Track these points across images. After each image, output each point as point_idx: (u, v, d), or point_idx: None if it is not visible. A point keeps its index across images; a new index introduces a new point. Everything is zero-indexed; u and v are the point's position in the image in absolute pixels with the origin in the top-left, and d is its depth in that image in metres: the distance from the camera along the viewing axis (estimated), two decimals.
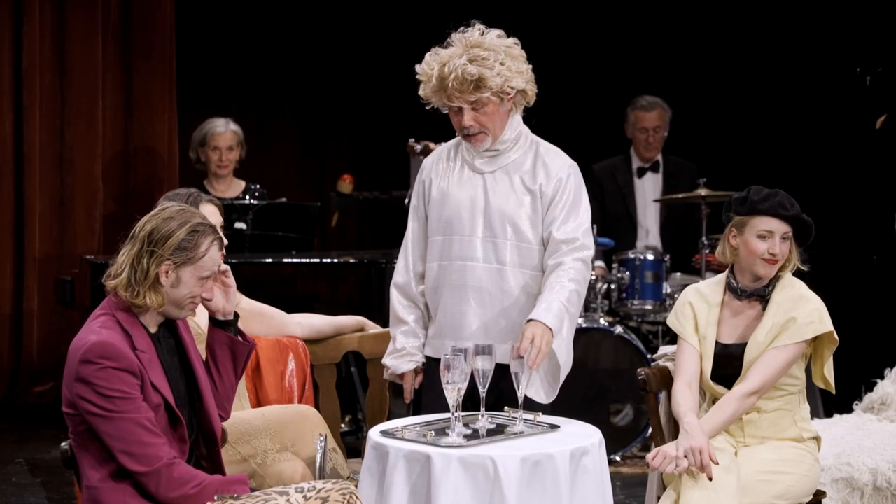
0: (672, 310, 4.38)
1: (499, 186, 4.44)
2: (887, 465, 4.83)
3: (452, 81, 4.34)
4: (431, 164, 4.57)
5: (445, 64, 4.37)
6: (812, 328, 4.15)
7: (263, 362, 4.73)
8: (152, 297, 3.57)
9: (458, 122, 4.42)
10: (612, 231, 7.39)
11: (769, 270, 4.21)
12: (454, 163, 4.52)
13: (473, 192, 4.45)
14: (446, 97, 4.38)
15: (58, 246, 7.92)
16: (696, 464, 3.93)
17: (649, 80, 8.33)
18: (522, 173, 4.47)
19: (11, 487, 6.06)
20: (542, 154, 4.55)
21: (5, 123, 7.77)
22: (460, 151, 4.52)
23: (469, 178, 4.48)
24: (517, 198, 4.43)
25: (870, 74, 6.94)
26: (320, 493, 3.55)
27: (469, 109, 4.38)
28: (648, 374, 4.39)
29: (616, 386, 6.60)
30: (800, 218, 4.20)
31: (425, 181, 4.54)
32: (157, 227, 3.58)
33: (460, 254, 4.41)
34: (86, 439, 3.52)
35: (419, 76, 4.45)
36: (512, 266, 4.40)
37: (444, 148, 4.60)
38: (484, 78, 4.37)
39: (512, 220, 4.41)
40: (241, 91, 8.98)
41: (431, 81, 4.39)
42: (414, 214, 4.57)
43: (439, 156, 4.58)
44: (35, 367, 7.89)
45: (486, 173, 4.46)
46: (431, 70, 4.40)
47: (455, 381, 3.83)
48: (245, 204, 6.97)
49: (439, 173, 4.52)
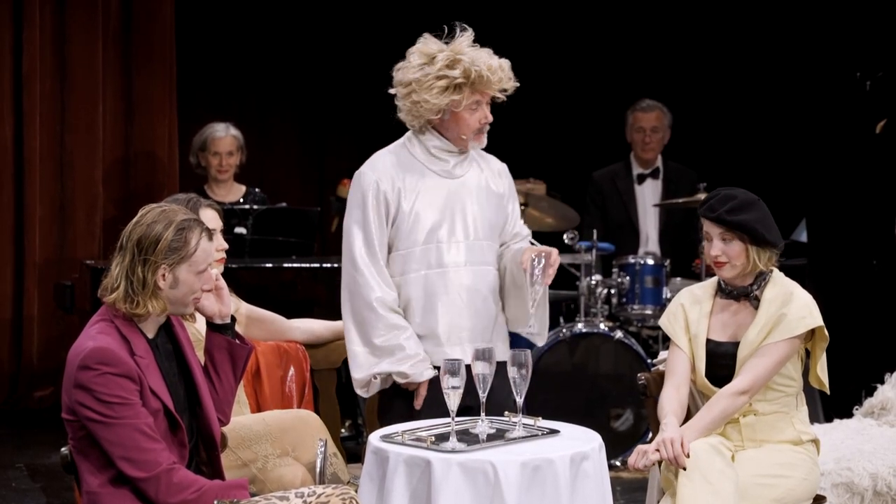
0: (665, 311, 4.40)
1: (471, 190, 4.52)
2: (887, 469, 4.82)
3: (499, 72, 4.41)
4: (387, 180, 4.47)
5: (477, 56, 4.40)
6: (803, 323, 4.13)
7: (263, 367, 4.73)
8: (153, 303, 3.56)
9: (478, 119, 4.48)
10: (614, 237, 7.41)
11: (721, 272, 4.21)
12: (416, 174, 4.50)
13: (449, 198, 4.48)
14: (478, 91, 4.42)
15: (58, 251, 7.92)
16: (667, 455, 3.93)
17: (650, 86, 8.33)
18: (485, 175, 4.58)
19: (11, 493, 6.06)
20: (484, 156, 4.68)
21: (5, 128, 7.77)
22: (416, 160, 4.52)
23: (438, 184, 4.51)
24: (488, 199, 4.54)
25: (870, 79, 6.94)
26: (320, 498, 3.55)
27: (487, 103, 4.47)
28: (648, 379, 4.40)
29: (616, 391, 6.60)
30: (724, 219, 4.14)
31: (386, 195, 4.45)
32: (144, 235, 3.56)
33: (445, 260, 4.45)
34: (85, 445, 3.52)
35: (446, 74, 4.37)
36: (492, 265, 4.54)
37: (387, 158, 4.54)
38: (510, 72, 4.50)
39: (486, 222, 4.52)
40: (241, 95, 8.99)
41: (473, 76, 4.37)
42: (368, 228, 4.44)
43: (391, 165, 4.51)
44: (35, 371, 7.89)
45: (457, 178, 4.52)
46: (471, 65, 4.38)
47: (456, 387, 3.84)
48: (245, 209, 6.98)
49: (406, 187, 4.48)
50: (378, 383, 4.47)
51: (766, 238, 4.15)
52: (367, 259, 4.44)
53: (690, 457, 3.95)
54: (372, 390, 4.49)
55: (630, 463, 4.00)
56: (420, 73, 4.42)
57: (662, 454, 3.95)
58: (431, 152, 4.52)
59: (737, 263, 4.18)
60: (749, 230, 4.14)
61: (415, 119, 4.49)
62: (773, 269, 4.26)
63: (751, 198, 4.19)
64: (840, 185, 7.09)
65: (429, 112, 4.44)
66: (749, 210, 4.15)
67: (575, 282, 6.94)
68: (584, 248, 6.79)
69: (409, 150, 4.54)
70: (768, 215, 4.20)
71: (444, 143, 4.53)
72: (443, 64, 4.40)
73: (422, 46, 4.48)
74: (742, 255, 4.17)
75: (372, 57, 9.16)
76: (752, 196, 4.21)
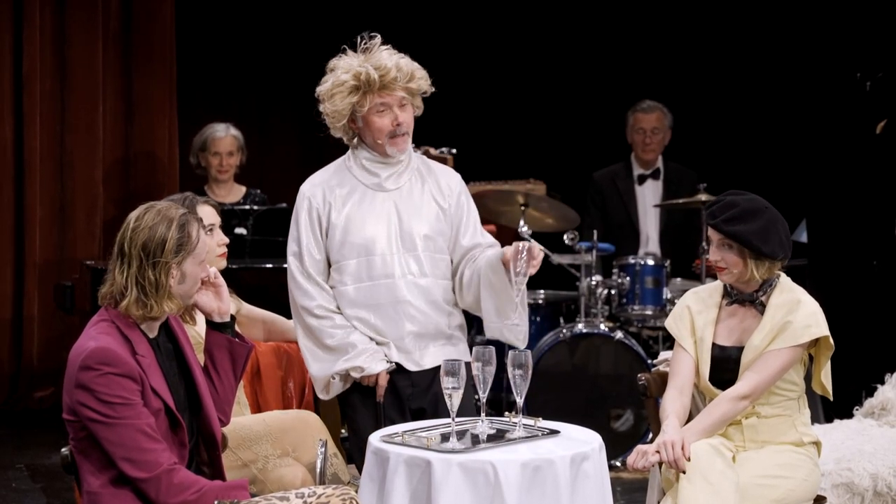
0: (671, 313, 4.39)
1: (405, 203, 4.55)
2: (888, 470, 4.83)
3: (393, 72, 4.43)
4: (319, 194, 4.56)
5: (377, 59, 4.45)
6: (808, 332, 4.13)
7: (263, 368, 4.73)
8: (169, 304, 3.58)
9: (389, 122, 4.49)
10: (614, 238, 7.41)
11: (721, 276, 4.22)
12: (347, 187, 4.57)
13: (385, 212, 4.53)
14: (378, 93, 4.44)
15: (58, 251, 7.92)
16: (667, 457, 3.94)
17: (650, 86, 8.34)
18: (427, 188, 4.60)
19: (12, 493, 6.06)
20: (434, 169, 4.68)
21: (6, 129, 7.77)
22: (351, 174, 4.59)
23: (369, 197, 4.56)
24: (424, 212, 4.56)
25: (870, 79, 6.94)
26: (321, 499, 3.55)
27: (399, 105, 4.46)
28: (649, 380, 4.40)
29: (616, 391, 6.60)
30: (721, 228, 4.14)
31: (318, 210, 4.54)
32: (148, 238, 3.56)
33: (376, 273, 4.50)
34: (86, 445, 3.52)
35: (341, 79, 4.46)
36: (437, 277, 4.55)
37: (324, 174, 4.64)
38: (415, 71, 4.51)
39: (426, 232, 4.54)
40: (241, 95, 8.99)
41: (363, 78, 4.42)
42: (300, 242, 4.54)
43: (325, 180, 4.60)
44: (35, 372, 7.89)
45: (389, 190, 4.56)
46: (362, 68, 4.44)
47: (456, 388, 3.84)
48: (245, 209, 6.98)
49: (336, 200, 4.54)
50: (338, 384, 4.52)
51: (761, 251, 4.12)
52: (302, 269, 4.54)
53: (690, 459, 3.95)
54: (332, 392, 4.55)
55: (629, 463, 4.01)
56: (326, 85, 4.53)
57: (662, 456, 3.95)
58: (364, 165, 4.59)
59: (734, 271, 4.18)
60: (744, 242, 4.13)
61: (336, 131, 4.60)
62: (781, 275, 4.25)
63: (756, 206, 4.16)
64: (840, 186, 7.09)
65: (338, 120, 4.54)
66: (750, 220, 4.13)
67: (575, 282, 6.95)
68: (585, 248, 6.79)
69: (346, 165, 4.63)
70: (772, 225, 4.14)
71: (374, 154, 4.58)
72: (340, 72, 4.49)
73: (333, 60, 4.58)
74: (739, 264, 4.17)
75: None
76: (759, 204, 4.17)
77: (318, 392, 4.56)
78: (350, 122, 4.57)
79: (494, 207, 7.26)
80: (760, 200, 4.19)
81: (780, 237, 4.15)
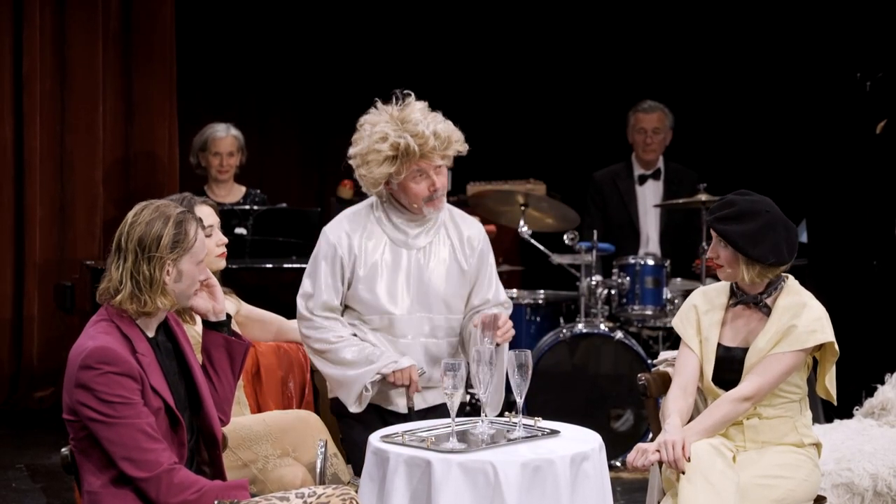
0: (678, 311, 4.38)
1: (431, 262, 4.57)
2: (888, 470, 4.83)
3: (432, 140, 4.39)
4: (345, 243, 4.55)
5: (417, 124, 4.40)
6: (812, 337, 4.13)
7: (263, 368, 4.73)
8: (162, 300, 3.58)
9: (427, 187, 4.48)
10: (614, 238, 7.41)
11: (718, 273, 4.23)
12: (374, 240, 4.57)
13: (405, 270, 4.55)
14: (419, 161, 4.42)
15: (58, 251, 7.92)
16: (667, 458, 3.93)
17: (651, 86, 8.34)
18: (451, 244, 4.61)
19: (12, 493, 6.06)
20: (458, 220, 4.67)
21: (6, 129, 7.77)
22: (379, 227, 4.57)
23: (396, 253, 4.56)
24: (448, 273, 4.58)
25: (870, 80, 6.94)
26: (321, 498, 3.55)
27: (435, 170, 4.46)
28: (649, 380, 4.39)
29: (616, 391, 6.60)
30: (713, 225, 4.15)
31: (342, 259, 4.54)
32: (144, 233, 3.58)
33: (395, 331, 4.56)
34: (87, 445, 3.52)
35: (377, 148, 4.42)
36: (447, 337, 4.60)
37: (351, 221, 4.60)
38: (451, 136, 4.48)
39: (445, 296, 4.57)
40: (241, 96, 8.99)
41: (402, 149, 4.39)
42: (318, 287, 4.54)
43: (352, 230, 4.57)
44: (35, 372, 7.89)
45: (417, 248, 4.58)
46: (401, 139, 4.39)
47: (456, 388, 3.84)
48: (245, 209, 6.98)
49: (362, 253, 4.55)
50: (370, 395, 4.53)
51: (748, 253, 4.12)
52: (313, 309, 4.56)
53: (691, 459, 3.95)
54: (364, 403, 4.56)
55: (629, 461, 4.01)
56: (361, 147, 4.49)
57: (662, 456, 3.95)
58: (393, 221, 4.59)
59: (728, 270, 4.18)
60: (731, 242, 4.13)
61: (369, 188, 4.56)
62: (788, 277, 4.25)
63: (755, 208, 4.14)
64: (840, 186, 7.09)
65: (374, 184, 4.51)
66: (744, 221, 4.12)
67: (575, 282, 6.95)
68: (585, 248, 6.79)
69: (375, 216, 4.61)
70: (768, 230, 4.11)
71: (405, 212, 4.58)
72: (376, 138, 4.44)
73: (369, 117, 4.54)
74: (733, 263, 4.16)
75: (372, 57, 9.18)
76: (759, 207, 4.14)
77: (353, 408, 4.54)
78: (384, 185, 4.53)
79: (494, 207, 7.27)
80: (764, 204, 4.16)
81: (774, 242, 4.11)
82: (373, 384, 4.50)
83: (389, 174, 4.44)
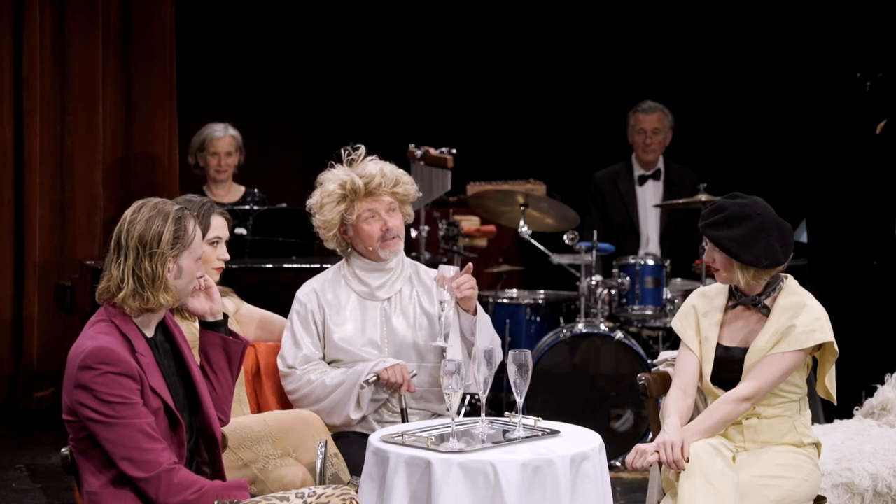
0: (677, 312, 4.38)
1: (397, 311, 4.64)
2: (887, 470, 4.83)
3: (378, 178, 4.55)
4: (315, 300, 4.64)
5: (365, 166, 4.58)
6: (812, 337, 4.13)
7: (263, 368, 4.73)
8: (165, 297, 3.59)
9: (378, 227, 4.58)
10: (614, 238, 7.41)
11: (717, 277, 4.23)
12: (340, 292, 4.66)
13: (372, 321, 4.62)
14: (365, 200, 4.56)
15: (58, 251, 7.92)
16: (666, 458, 3.94)
17: (651, 87, 8.34)
18: (416, 291, 4.67)
19: (12, 493, 6.06)
20: (422, 276, 4.74)
21: (6, 129, 7.77)
22: (345, 283, 4.67)
23: (362, 306, 4.65)
24: (416, 320, 4.64)
25: (870, 80, 6.94)
26: (321, 499, 3.55)
27: (387, 211, 4.57)
28: (649, 380, 4.39)
29: (616, 391, 6.60)
30: (703, 230, 4.17)
31: (313, 314, 4.63)
32: (144, 231, 3.59)
33: None
34: (86, 446, 3.52)
35: (328, 189, 4.58)
36: (430, 387, 4.62)
37: (322, 280, 4.70)
38: (399, 177, 4.63)
39: (415, 345, 4.62)
40: (240, 96, 8.99)
41: (349, 186, 4.54)
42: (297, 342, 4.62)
43: (322, 288, 4.67)
44: (35, 372, 7.89)
45: (382, 299, 4.65)
46: (348, 177, 4.56)
47: (456, 388, 3.84)
48: (245, 209, 6.98)
49: (330, 308, 4.63)
50: (368, 394, 4.54)
51: (741, 258, 4.11)
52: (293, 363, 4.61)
53: (690, 459, 3.95)
54: (364, 404, 4.56)
55: (628, 461, 4.01)
56: (315, 197, 4.65)
57: (661, 457, 3.95)
58: (357, 275, 4.68)
59: (724, 273, 4.19)
60: (722, 247, 4.13)
61: (328, 242, 4.69)
62: (787, 277, 4.25)
63: (746, 212, 4.12)
64: (840, 186, 7.09)
65: (329, 230, 4.64)
66: (734, 225, 4.11)
67: (575, 282, 6.95)
68: (585, 248, 6.79)
69: (341, 273, 4.72)
70: (759, 233, 4.10)
71: (366, 262, 4.67)
72: (328, 185, 4.61)
73: (322, 174, 4.69)
74: (728, 267, 4.17)
75: (371, 58, 9.18)
76: (750, 210, 4.13)
77: (351, 412, 4.55)
78: (342, 233, 4.65)
79: (494, 207, 7.27)
80: (755, 206, 4.15)
81: (766, 245, 4.10)
82: (367, 382, 4.51)
83: (342, 214, 4.58)
